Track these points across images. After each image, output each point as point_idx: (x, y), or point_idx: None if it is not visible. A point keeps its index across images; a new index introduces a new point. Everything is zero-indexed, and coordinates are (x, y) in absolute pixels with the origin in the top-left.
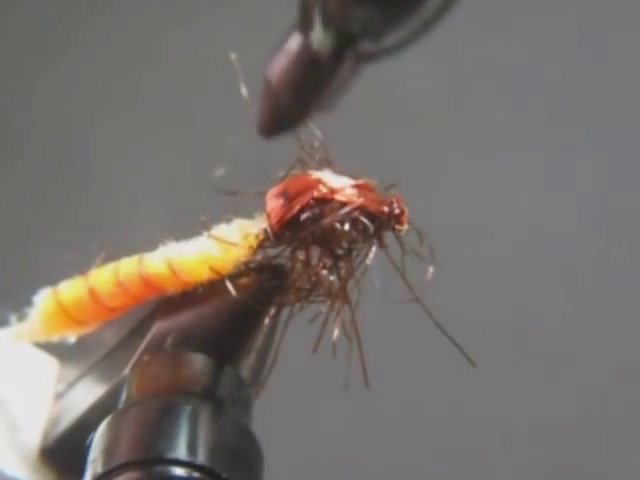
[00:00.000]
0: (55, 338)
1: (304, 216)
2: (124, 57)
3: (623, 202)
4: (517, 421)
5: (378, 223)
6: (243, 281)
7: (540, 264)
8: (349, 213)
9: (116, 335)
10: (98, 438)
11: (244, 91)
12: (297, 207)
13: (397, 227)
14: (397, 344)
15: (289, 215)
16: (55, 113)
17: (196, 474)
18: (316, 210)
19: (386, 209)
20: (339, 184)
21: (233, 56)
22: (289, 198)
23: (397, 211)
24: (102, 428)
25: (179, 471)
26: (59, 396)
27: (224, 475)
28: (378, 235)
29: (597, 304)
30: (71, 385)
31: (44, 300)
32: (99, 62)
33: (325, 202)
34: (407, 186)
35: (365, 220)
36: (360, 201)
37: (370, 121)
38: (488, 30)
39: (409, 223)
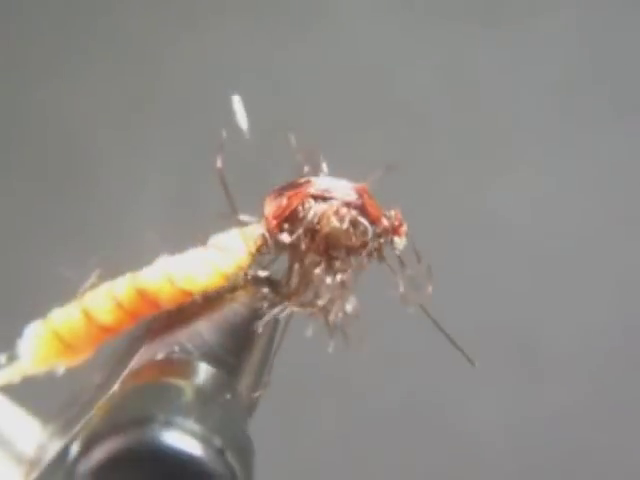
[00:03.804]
0: (45, 370)
1: (301, 211)
2: (126, 61)
3: (625, 202)
4: (517, 422)
5: (377, 230)
6: (240, 293)
7: (540, 265)
8: (347, 207)
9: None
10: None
11: (242, 101)
12: (295, 202)
13: (396, 239)
14: (397, 344)
15: (287, 211)
16: (58, 120)
17: (190, 438)
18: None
19: (385, 221)
20: (337, 185)
21: (232, 55)
22: (288, 196)
23: (396, 222)
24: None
25: (170, 434)
26: (40, 447)
27: (219, 445)
28: (377, 247)
29: (597, 305)
30: (52, 435)
31: (35, 328)
32: (101, 66)
33: (323, 200)
34: (407, 186)
35: (364, 221)
36: (357, 199)
37: (370, 122)
38: (488, 30)
39: (407, 237)
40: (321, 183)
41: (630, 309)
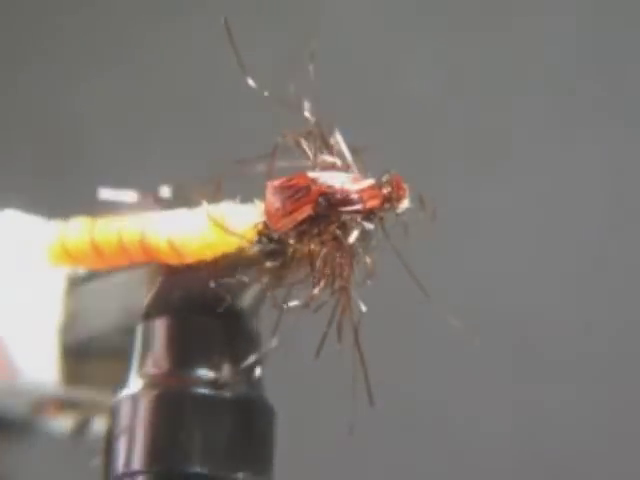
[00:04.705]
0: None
1: (303, 227)
2: (125, 50)
3: (626, 201)
4: (517, 422)
5: (380, 214)
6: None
7: (540, 265)
8: (353, 215)
9: None
10: None
11: (248, 78)
12: (297, 218)
13: (398, 208)
14: (396, 343)
15: (288, 226)
16: (57, 103)
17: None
18: (316, 222)
19: (385, 192)
20: (341, 191)
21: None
22: (288, 210)
23: (398, 192)
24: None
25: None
26: (74, 284)
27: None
28: (379, 219)
29: (598, 306)
30: (86, 280)
31: (48, 234)
32: (101, 55)
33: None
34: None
35: (369, 225)
36: (362, 202)
37: (369, 122)
38: (488, 31)
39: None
40: (323, 191)
41: (631, 308)
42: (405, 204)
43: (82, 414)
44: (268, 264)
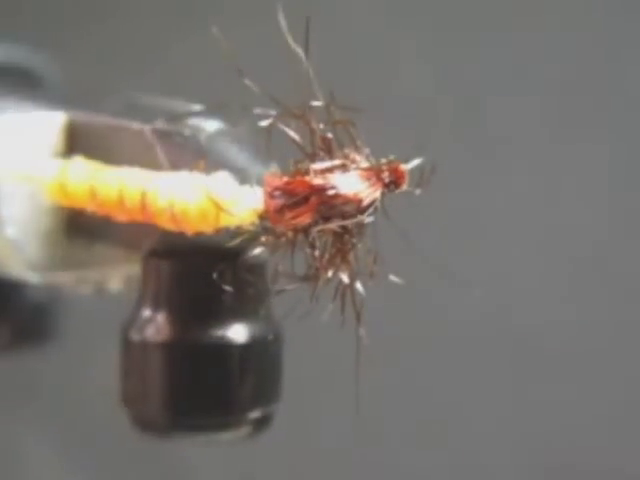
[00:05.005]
0: None
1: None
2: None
3: (626, 202)
4: (518, 424)
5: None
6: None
7: (540, 265)
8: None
9: None
10: None
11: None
12: (294, 226)
13: (397, 191)
14: (394, 344)
15: (285, 228)
16: None
17: None
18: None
19: (386, 180)
20: (342, 198)
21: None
22: (286, 217)
23: (398, 179)
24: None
25: None
26: None
27: None
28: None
29: (599, 306)
30: None
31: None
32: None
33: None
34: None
35: (370, 218)
36: (365, 206)
37: (369, 121)
38: (488, 31)
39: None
40: (324, 202)
41: (632, 307)
42: (404, 187)
43: (94, 276)
44: (266, 241)
